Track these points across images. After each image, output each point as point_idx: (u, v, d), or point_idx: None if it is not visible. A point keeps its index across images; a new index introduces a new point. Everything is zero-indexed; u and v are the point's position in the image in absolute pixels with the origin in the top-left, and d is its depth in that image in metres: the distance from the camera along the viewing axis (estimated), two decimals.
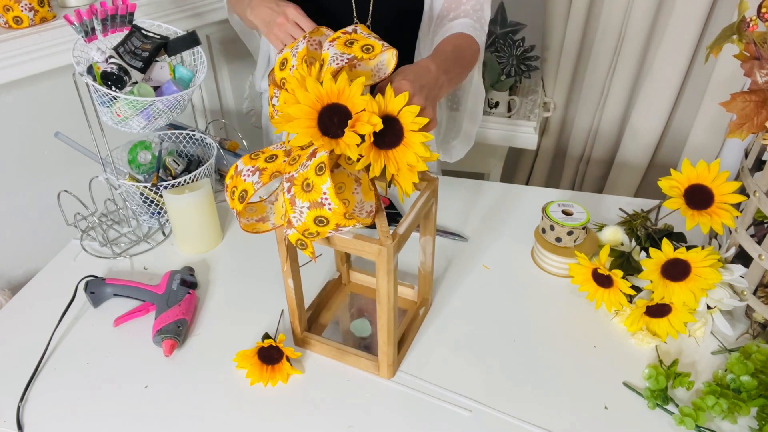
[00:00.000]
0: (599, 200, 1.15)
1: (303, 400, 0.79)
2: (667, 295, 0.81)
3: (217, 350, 0.86)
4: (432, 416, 0.76)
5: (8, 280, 1.54)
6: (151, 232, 1.11)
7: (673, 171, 0.82)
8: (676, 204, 0.82)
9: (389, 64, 0.70)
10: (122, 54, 0.99)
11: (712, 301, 0.83)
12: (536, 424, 0.75)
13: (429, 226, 0.83)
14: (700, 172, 0.80)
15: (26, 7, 1.35)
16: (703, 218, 0.81)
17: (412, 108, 0.64)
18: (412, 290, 0.93)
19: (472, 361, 0.84)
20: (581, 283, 0.88)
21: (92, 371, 0.84)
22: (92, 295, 0.93)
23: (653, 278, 0.82)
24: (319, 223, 0.63)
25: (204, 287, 0.98)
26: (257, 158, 0.68)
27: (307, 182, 0.62)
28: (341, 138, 0.62)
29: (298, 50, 0.66)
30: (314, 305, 0.91)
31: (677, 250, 0.80)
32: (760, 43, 0.76)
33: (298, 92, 0.61)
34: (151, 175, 1.10)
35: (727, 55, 1.43)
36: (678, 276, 0.80)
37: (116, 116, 0.98)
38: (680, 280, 0.80)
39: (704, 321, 0.84)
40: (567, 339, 0.87)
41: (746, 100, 0.75)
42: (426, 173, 0.79)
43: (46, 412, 0.78)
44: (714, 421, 0.75)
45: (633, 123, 1.77)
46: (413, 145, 0.65)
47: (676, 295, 0.81)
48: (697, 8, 1.52)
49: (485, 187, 1.21)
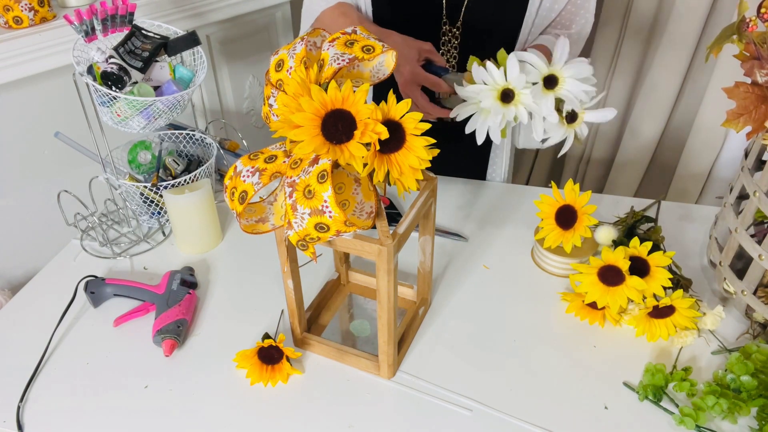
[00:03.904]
0: (599, 200, 1.15)
1: (303, 400, 0.79)
2: (602, 300, 0.84)
3: (217, 350, 0.86)
4: (432, 416, 0.76)
5: (8, 280, 1.54)
6: (151, 232, 1.11)
7: (543, 195, 0.93)
8: (548, 225, 0.93)
9: (388, 65, 0.70)
10: (122, 54, 0.98)
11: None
12: (536, 424, 0.75)
13: (428, 225, 0.83)
14: (568, 195, 0.91)
15: (26, 7, 1.35)
16: (568, 235, 0.91)
17: (414, 115, 0.64)
18: (411, 290, 0.93)
19: (472, 361, 0.84)
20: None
21: (92, 371, 0.84)
22: (92, 295, 0.93)
23: (589, 281, 0.85)
24: (319, 230, 0.63)
25: (204, 287, 0.98)
26: (257, 159, 0.68)
27: (308, 189, 0.62)
28: (345, 145, 0.62)
29: (296, 51, 0.66)
30: (314, 305, 0.91)
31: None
32: (760, 43, 0.76)
33: (302, 100, 0.61)
34: (151, 175, 1.10)
35: (727, 55, 1.43)
36: (613, 281, 0.84)
37: (116, 116, 0.98)
38: (615, 284, 0.84)
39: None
40: (567, 339, 0.87)
41: (748, 91, 0.75)
42: (426, 172, 0.79)
43: (46, 412, 0.78)
44: (714, 421, 0.75)
45: (633, 123, 1.77)
46: (415, 148, 0.65)
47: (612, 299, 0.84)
48: (697, 8, 1.52)
49: (485, 187, 1.21)
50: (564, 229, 0.92)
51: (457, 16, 1.10)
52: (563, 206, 0.92)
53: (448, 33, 1.11)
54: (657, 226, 0.98)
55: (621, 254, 0.83)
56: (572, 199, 0.91)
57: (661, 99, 1.68)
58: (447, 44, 1.13)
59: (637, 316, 0.84)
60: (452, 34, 1.11)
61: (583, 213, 0.90)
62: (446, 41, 1.13)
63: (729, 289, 0.87)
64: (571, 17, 1.14)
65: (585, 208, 0.90)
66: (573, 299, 0.88)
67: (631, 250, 0.84)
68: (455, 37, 1.11)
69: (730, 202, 0.89)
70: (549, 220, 0.93)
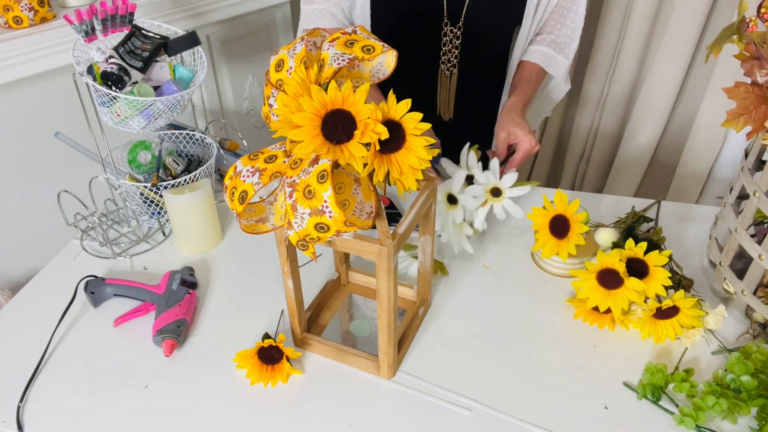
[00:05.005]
0: (599, 200, 1.15)
1: (303, 400, 0.79)
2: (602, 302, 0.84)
3: (217, 350, 0.86)
4: (432, 416, 0.76)
5: (8, 280, 1.54)
6: (151, 232, 1.11)
7: (535, 208, 0.94)
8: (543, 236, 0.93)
9: (389, 65, 0.70)
10: (122, 54, 0.98)
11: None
12: (536, 424, 0.75)
13: (428, 225, 0.83)
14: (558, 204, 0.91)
15: (26, 7, 1.35)
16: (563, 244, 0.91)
17: (414, 115, 0.64)
18: (411, 290, 0.93)
19: (472, 361, 0.84)
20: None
21: (92, 371, 0.84)
22: (92, 295, 0.93)
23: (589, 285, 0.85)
24: (319, 230, 0.63)
25: (204, 287, 0.98)
26: (257, 159, 0.68)
27: (308, 189, 0.62)
28: (345, 145, 0.62)
29: (296, 51, 0.66)
30: (314, 306, 0.91)
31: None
32: (760, 43, 0.76)
33: (302, 100, 0.61)
34: (151, 175, 1.10)
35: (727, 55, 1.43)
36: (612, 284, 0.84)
37: (116, 116, 0.98)
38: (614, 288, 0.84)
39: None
40: (567, 339, 0.87)
41: (748, 91, 0.75)
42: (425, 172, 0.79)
43: (46, 412, 0.78)
44: (714, 421, 0.75)
45: (633, 123, 1.77)
46: (415, 148, 0.65)
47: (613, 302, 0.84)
48: (697, 8, 1.52)
49: None
50: (558, 239, 0.92)
51: (459, 17, 1.10)
52: (555, 216, 0.92)
53: (449, 34, 1.11)
54: (657, 227, 0.98)
55: (617, 257, 0.83)
56: (563, 209, 0.91)
57: (661, 99, 1.68)
58: (448, 44, 1.13)
59: (642, 318, 0.84)
60: (453, 34, 1.11)
61: (575, 221, 0.90)
62: (447, 42, 1.13)
63: (729, 289, 0.87)
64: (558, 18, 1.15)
65: (576, 216, 0.90)
66: (579, 305, 0.88)
67: (627, 252, 0.84)
68: (456, 38, 1.12)
69: (730, 202, 0.89)
70: (544, 231, 0.93)
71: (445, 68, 1.17)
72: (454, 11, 1.10)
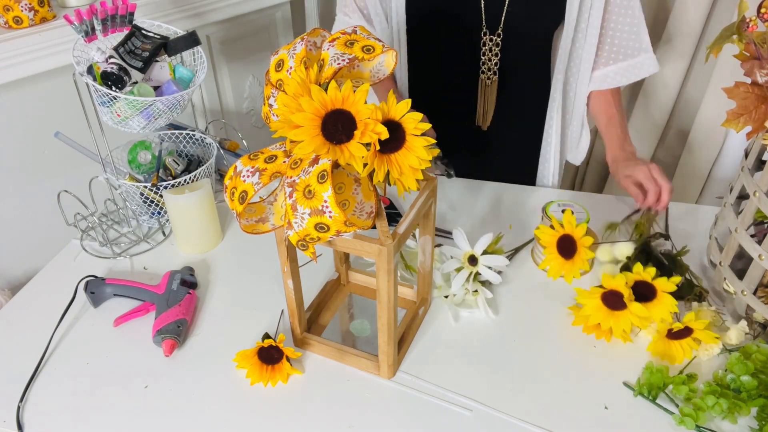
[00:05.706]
0: (599, 200, 1.15)
1: (303, 400, 0.79)
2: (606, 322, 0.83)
3: (217, 350, 0.86)
4: (432, 416, 0.76)
5: (8, 280, 1.54)
6: (151, 232, 1.11)
7: (542, 226, 0.93)
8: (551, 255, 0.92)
9: (389, 65, 0.70)
10: (122, 54, 0.98)
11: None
12: (536, 424, 0.75)
13: (428, 225, 0.83)
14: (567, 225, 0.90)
15: (26, 7, 1.35)
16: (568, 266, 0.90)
17: (414, 115, 0.64)
18: (411, 290, 0.93)
19: (472, 360, 0.84)
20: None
21: (92, 371, 0.84)
22: (92, 295, 0.93)
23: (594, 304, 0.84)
24: (319, 230, 0.63)
25: (204, 287, 0.98)
26: (257, 159, 0.68)
27: (308, 189, 0.62)
28: (345, 145, 0.62)
29: (296, 51, 0.66)
30: (314, 305, 0.91)
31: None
32: (760, 43, 0.76)
33: (302, 100, 0.61)
34: (151, 175, 1.10)
35: (727, 55, 1.43)
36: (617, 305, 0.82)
37: (116, 116, 0.98)
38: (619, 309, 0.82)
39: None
40: (567, 339, 0.87)
41: (748, 91, 0.75)
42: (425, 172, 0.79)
43: (46, 412, 0.78)
44: (714, 421, 0.75)
45: (633, 123, 1.77)
46: (415, 148, 0.65)
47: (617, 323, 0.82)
48: (697, 8, 1.52)
49: (485, 187, 1.21)
50: (566, 259, 0.91)
51: (497, 25, 1.10)
52: (563, 236, 0.90)
53: (488, 42, 1.11)
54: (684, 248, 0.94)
55: (622, 281, 0.81)
56: (571, 230, 0.90)
57: (660, 99, 1.68)
58: (488, 53, 1.12)
59: (655, 338, 0.83)
60: (493, 42, 1.11)
61: (582, 245, 0.89)
62: (487, 50, 1.12)
63: (729, 289, 0.87)
64: (618, 19, 1.11)
65: (583, 240, 0.89)
66: (579, 315, 0.87)
67: (633, 275, 0.82)
68: (496, 45, 1.11)
69: (730, 202, 0.89)
70: (551, 249, 0.92)
71: (485, 76, 1.15)
72: (492, 19, 1.10)
